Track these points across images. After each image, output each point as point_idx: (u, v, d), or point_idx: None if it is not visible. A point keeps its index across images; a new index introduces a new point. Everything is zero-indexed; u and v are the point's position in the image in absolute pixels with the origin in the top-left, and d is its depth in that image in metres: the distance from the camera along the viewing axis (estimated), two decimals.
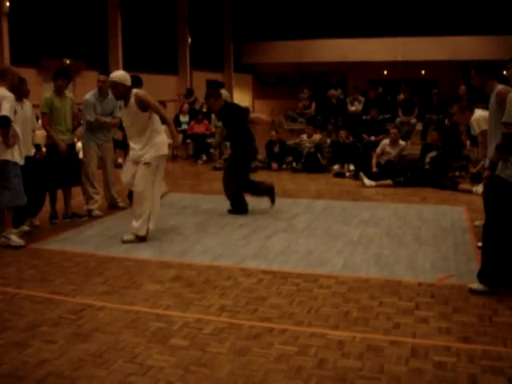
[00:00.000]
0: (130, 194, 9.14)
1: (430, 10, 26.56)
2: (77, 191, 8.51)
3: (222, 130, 13.46)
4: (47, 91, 8.01)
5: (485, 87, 5.49)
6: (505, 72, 6.12)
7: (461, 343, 4.02)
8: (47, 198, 7.77)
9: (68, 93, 7.99)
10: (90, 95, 8.32)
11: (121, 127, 8.92)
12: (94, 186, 8.40)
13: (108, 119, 8.36)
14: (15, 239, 6.66)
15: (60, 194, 8.04)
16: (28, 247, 6.58)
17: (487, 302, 4.79)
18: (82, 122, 8.69)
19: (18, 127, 6.62)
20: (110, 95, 7.96)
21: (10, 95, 6.39)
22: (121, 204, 8.83)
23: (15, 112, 6.51)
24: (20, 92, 6.93)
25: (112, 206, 8.76)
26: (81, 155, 8.73)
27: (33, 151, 7.46)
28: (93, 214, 8.24)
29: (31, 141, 7.36)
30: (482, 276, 4.99)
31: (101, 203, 8.51)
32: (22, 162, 6.66)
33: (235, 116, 8.36)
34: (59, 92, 7.73)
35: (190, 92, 18.20)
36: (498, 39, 23.29)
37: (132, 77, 9.44)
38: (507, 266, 4.92)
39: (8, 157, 6.47)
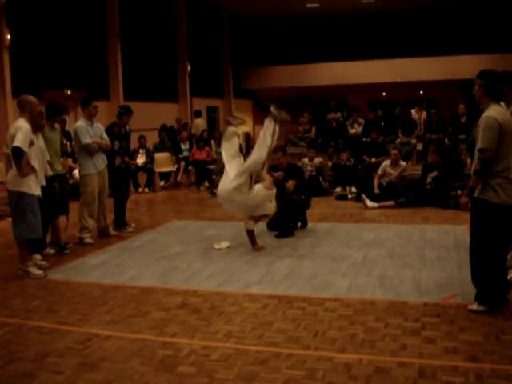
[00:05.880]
0: (117, 221, 9.17)
1: (427, 31, 26.83)
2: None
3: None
4: None
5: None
6: None
7: (468, 362, 4.01)
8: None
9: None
10: (80, 121, 8.44)
11: (118, 152, 8.98)
12: (94, 216, 8.42)
13: (101, 141, 8.44)
14: (34, 271, 6.66)
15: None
16: (33, 278, 6.59)
17: (493, 320, 4.79)
18: (76, 153, 8.66)
19: (35, 158, 6.62)
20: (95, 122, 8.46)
21: (24, 126, 6.41)
22: (112, 232, 8.85)
23: (32, 143, 6.53)
24: (37, 124, 6.89)
25: (103, 235, 8.75)
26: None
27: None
28: (84, 241, 8.28)
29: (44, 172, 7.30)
30: (479, 297, 5.02)
31: (92, 232, 8.54)
32: (38, 192, 6.65)
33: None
34: (52, 125, 7.74)
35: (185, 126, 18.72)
36: (496, 57, 23.41)
37: (121, 106, 9.57)
38: (499, 283, 4.97)
39: (24, 189, 6.47)
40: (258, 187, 7.50)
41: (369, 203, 10.73)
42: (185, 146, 15.80)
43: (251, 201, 7.42)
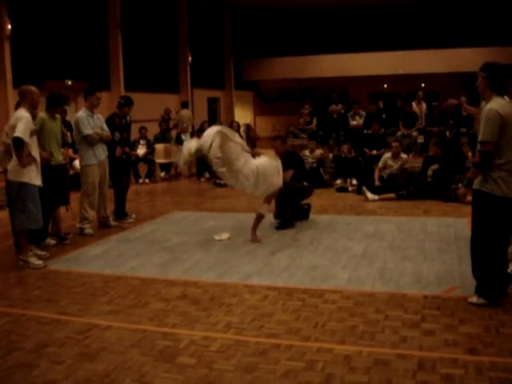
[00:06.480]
0: (117, 211, 9.17)
1: (429, 23, 26.77)
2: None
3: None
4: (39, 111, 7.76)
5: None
6: None
7: (468, 355, 4.01)
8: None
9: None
10: (81, 112, 8.41)
11: (118, 143, 8.96)
12: (94, 206, 8.43)
13: (102, 132, 8.43)
14: (34, 261, 6.65)
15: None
16: (33, 268, 6.59)
17: (493, 313, 4.79)
18: (76, 144, 8.67)
19: (36, 149, 6.61)
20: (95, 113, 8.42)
21: (25, 116, 6.40)
22: (112, 223, 8.85)
23: (32, 133, 6.51)
24: (33, 114, 6.88)
25: (103, 225, 8.74)
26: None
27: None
28: (84, 232, 8.26)
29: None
30: (479, 290, 5.02)
31: (93, 222, 8.54)
32: (39, 182, 6.65)
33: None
34: (53, 115, 7.73)
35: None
36: (497, 50, 23.39)
37: (122, 97, 9.54)
38: (499, 276, 4.97)
39: (25, 179, 6.46)
40: (264, 160, 7.62)
41: (369, 195, 10.71)
42: (185, 137, 15.76)
43: (263, 173, 7.48)
